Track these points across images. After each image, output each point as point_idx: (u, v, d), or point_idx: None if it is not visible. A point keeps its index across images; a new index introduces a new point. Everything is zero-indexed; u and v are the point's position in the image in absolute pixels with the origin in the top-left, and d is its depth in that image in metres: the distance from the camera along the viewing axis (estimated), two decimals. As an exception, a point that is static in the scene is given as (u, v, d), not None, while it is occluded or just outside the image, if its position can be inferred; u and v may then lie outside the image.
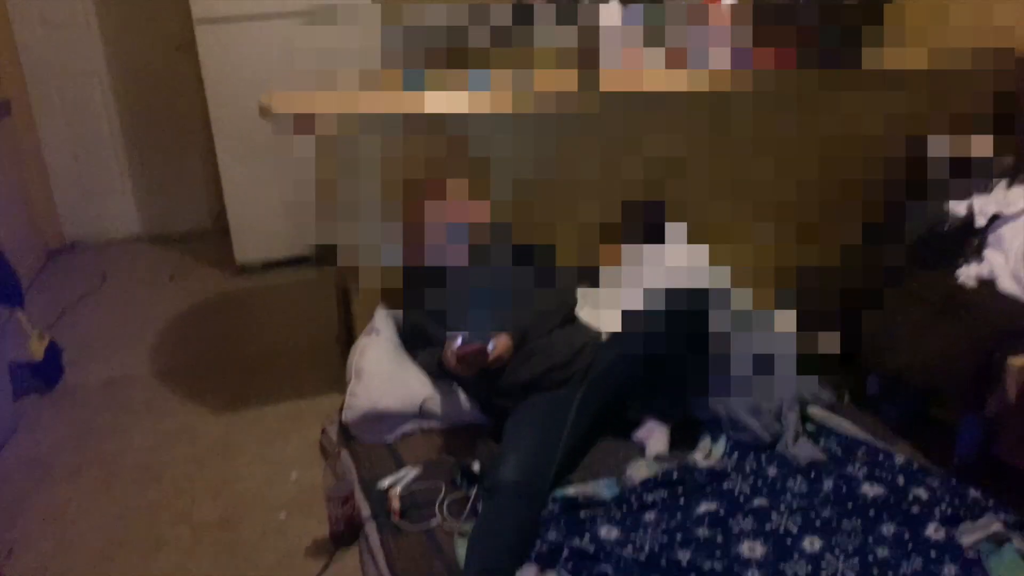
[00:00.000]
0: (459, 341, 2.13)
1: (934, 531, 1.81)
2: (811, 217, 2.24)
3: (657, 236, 2.32)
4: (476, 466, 2.07)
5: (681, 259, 2.25)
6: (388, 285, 2.35)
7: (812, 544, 1.81)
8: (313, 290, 3.61)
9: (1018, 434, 2.04)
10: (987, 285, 2.24)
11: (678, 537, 1.84)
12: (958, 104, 2.29)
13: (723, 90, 2.25)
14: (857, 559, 1.75)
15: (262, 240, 3.88)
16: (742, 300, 2.17)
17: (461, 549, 1.85)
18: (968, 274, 2.28)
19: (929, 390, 2.22)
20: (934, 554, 1.75)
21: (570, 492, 1.99)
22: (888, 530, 1.83)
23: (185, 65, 3.81)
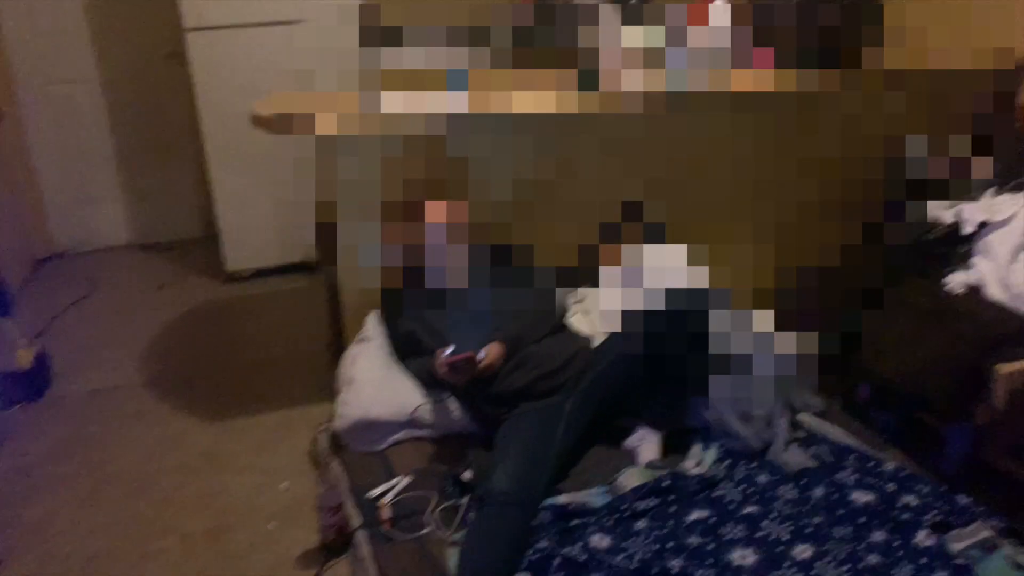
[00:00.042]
0: (449, 349, 2.13)
1: (924, 538, 1.81)
2: (811, 217, 2.25)
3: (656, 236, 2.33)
4: (467, 475, 2.06)
5: (680, 259, 2.25)
6: (388, 285, 2.35)
7: (803, 551, 1.81)
8: (303, 298, 3.60)
9: (1007, 441, 2.06)
10: (975, 292, 2.26)
11: (669, 545, 1.84)
12: (957, 105, 2.31)
13: (723, 90, 2.27)
14: (848, 566, 1.75)
15: (252, 248, 3.87)
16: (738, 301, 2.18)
17: (452, 558, 1.84)
18: (956, 281, 2.30)
19: (919, 397, 2.23)
20: (924, 561, 1.75)
21: (561, 500, 1.98)
22: (878, 537, 1.83)
23: (175, 73, 3.80)
